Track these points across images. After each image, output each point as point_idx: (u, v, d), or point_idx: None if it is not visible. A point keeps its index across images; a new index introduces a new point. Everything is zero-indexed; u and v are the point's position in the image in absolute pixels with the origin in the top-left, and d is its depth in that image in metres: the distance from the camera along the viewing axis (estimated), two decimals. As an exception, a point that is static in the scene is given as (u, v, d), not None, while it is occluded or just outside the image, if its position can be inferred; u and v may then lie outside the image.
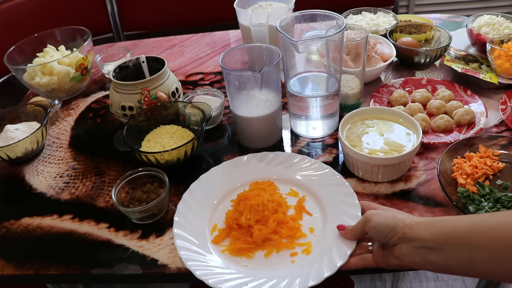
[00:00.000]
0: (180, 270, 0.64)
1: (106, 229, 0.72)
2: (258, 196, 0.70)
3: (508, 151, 0.75)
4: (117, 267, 0.66)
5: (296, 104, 0.83)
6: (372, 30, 1.09)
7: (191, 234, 0.67)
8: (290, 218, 0.68)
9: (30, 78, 1.03)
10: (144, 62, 0.93)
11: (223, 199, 0.74)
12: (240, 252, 0.65)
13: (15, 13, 1.48)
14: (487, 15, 1.08)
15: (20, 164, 0.89)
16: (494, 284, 0.86)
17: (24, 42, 1.10)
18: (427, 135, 0.82)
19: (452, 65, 0.96)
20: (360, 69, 0.86)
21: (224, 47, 1.25)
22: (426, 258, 0.51)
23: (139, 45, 1.33)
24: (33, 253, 0.70)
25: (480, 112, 0.85)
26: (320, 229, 0.67)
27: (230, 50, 0.78)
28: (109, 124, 0.99)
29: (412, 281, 1.48)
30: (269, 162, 0.78)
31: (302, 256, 0.63)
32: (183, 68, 1.17)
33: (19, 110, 0.94)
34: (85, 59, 1.06)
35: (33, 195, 0.82)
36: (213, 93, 0.95)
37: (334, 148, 0.83)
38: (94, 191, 0.81)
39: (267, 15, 0.93)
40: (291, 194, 0.73)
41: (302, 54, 0.76)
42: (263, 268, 0.63)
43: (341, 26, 0.73)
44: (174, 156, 0.76)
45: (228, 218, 0.69)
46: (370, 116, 0.80)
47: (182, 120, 0.86)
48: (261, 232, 0.65)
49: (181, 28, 1.71)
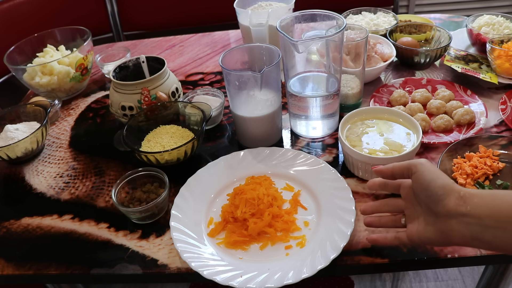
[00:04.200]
0: (180, 270, 0.64)
1: (106, 229, 0.72)
2: (253, 190, 0.71)
3: (508, 151, 0.75)
4: (117, 267, 0.66)
5: (296, 104, 0.83)
6: (372, 30, 1.09)
7: (187, 227, 0.68)
8: (285, 212, 0.69)
9: (30, 78, 1.03)
10: (144, 62, 0.93)
11: (220, 193, 0.75)
12: (236, 244, 0.66)
13: (15, 13, 1.49)
14: (487, 15, 1.08)
15: (20, 164, 0.89)
16: (494, 284, 0.86)
17: (24, 42, 1.10)
18: (427, 135, 0.82)
19: (452, 65, 0.96)
20: (360, 69, 0.86)
21: (224, 47, 1.25)
22: (481, 237, 0.46)
23: (139, 45, 1.33)
24: (33, 253, 0.70)
25: (480, 112, 0.85)
26: (315, 223, 0.68)
27: (230, 50, 0.78)
28: (109, 124, 0.99)
29: (412, 281, 1.48)
30: (265, 157, 0.79)
31: (296, 249, 0.65)
32: (183, 68, 1.17)
33: (19, 110, 0.94)
34: (85, 59, 1.06)
35: (33, 195, 0.82)
36: (213, 93, 0.95)
37: (334, 148, 0.83)
38: (94, 191, 0.81)
39: (267, 15, 0.93)
40: (287, 189, 0.74)
41: (302, 54, 0.76)
42: (258, 260, 0.64)
43: (341, 26, 0.73)
44: (174, 156, 0.76)
45: (224, 212, 0.70)
46: (370, 116, 0.80)
47: (182, 120, 0.86)
48: (256, 225, 0.66)
49: (181, 28, 1.71)
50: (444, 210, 0.48)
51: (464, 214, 0.46)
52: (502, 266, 0.82)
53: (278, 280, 0.58)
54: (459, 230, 0.47)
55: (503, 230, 0.44)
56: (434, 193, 0.49)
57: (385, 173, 0.57)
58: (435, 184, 0.49)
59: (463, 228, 0.47)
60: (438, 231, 0.49)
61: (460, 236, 0.47)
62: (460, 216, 0.47)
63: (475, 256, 0.61)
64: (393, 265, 0.63)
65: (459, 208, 0.47)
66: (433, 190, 0.49)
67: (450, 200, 0.48)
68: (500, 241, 0.45)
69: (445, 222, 0.48)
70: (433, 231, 0.50)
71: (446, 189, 0.48)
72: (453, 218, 0.47)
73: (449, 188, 0.48)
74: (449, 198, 0.48)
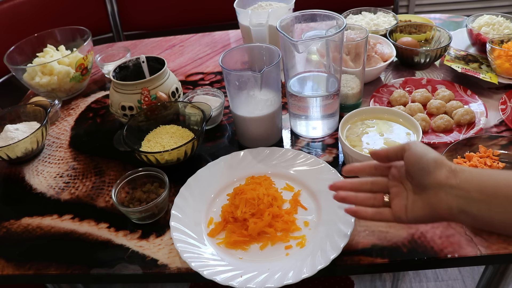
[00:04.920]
0: (180, 270, 0.64)
1: (106, 229, 0.72)
2: (253, 190, 0.71)
3: (508, 151, 0.75)
4: (117, 267, 0.66)
5: (296, 104, 0.83)
6: (372, 30, 1.09)
7: (187, 227, 0.68)
8: (285, 212, 0.70)
9: (30, 78, 1.03)
10: (144, 62, 0.93)
11: (220, 193, 0.75)
12: (236, 244, 0.66)
13: (15, 13, 1.49)
14: (487, 15, 1.08)
15: (20, 164, 0.89)
16: (494, 284, 0.86)
17: (24, 42, 1.10)
18: (427, 135, 0.82)
19: (452, 65, 0.96)
20: (360, 69, 0.86)
21: (224, 47, 1.25)
22: (467, 209, 0.48)
23: (139, 45, 1.33)
24: (33, 253, 0.70)
25: (480, 112, 0.85)
26: (315, 223, 0.68)
27: (230, 50, 0.78)
28: (109, 124, 0.99)
29: (412, 281, 1.48)
30: (265, 157, 0.79)
31: (296, 249, 0.65)
32: (183, 68, 1.17)
33: (19, 110, 0.94)
34: (85, 59, 1.06)
35: (33, 195, 0.82)
36: (213, 93, 0.95)
37: (334, 148, 0.83)
38: (94, 191, 0.81)
39: (267, 15, 0.93)
40: (287, 189, 0.74)
41: (302, 54, 0.76)
42: (258, 260, 0.64)
43: (341, 26, 0.73)
44: (174, 156, 0.76)
45: (224, 212, 0.70)
46: (370, 116, 0.80)
47: (182, 120, 0.86)
48: (256, 225, 0.66)
49: (181, 28, 1.71)
50: (434, 181, 0.49)
51: (453, 186, 0.48)
52: (502, 266, 0.82)
53: (278, 280, 0.58)
54: (447, 202, 0.49)
55: (487, 203, 0.47)
56: (426, 165, 0.50)
57: (380, 154, 0.56)
58: (427, 157, 0.50)
59: (451, 200, 0.48)
60: (426, 204, 0.50)
61: (448, 208, 0.49)
62: (450, 188, 0.48)
63: (475, 256, 0.61)
64: (393, 265, 0.63)
65: (449, 181, 0.49)
66: (425, 163, 0.50)
67: (441, 172, 0.49)
68: (483, 215, 0.47)
69: (435, 194, 0.49)
70: (421, 205, 0.51)
71: (437, 162, 0.50)
72: (442, 189, 0.49)
73: (441, 162, 0.50)
74: (440, 170, 0.49)
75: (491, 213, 0.47)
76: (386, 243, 0.64)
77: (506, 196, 0.46)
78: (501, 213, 0.47)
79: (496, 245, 0.62)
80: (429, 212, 0.50)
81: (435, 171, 0.50)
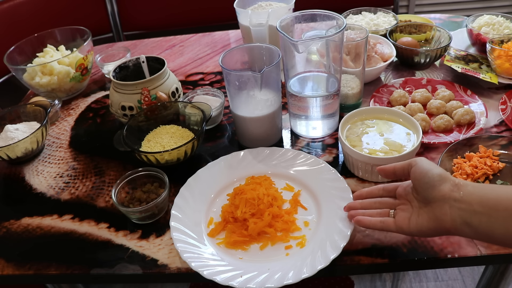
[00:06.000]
0: (180, 270, 0.64)
1: (106, 229, 0.72)
2: (254, 190, 0.71)
3: (508, 151, 0.75)
4: (117, 267, 0.66)
5: (296, 104, 0.83)
6: (372, 30, 1.09)
7: (187, 227, 0.68)
8: (285, 212, 0.69)
9: (30, 78, 1.03)
10: (144, 62, 0.93)
11: (220, 193, 0.75)
12: (236, 244, 0.66)
13: (15, 13, 1.49)
14: (487, 15, 1.08)
15: (20, 164, 0.89)
16: (494, 284, 0.86)
17: (24, 42, 1.10)
18: (427, 135, 0.82)
19: (452, 65, 0.96)
20: (360, 69, 0.86)
21: (224, 47, 1.25)
22: (469, 221, 0.49)
23: (139, 45, 1.33)
24: (33, 253, 0.70)
25: (480, 112, 0.85)
26: (315, 223, 0.68)
27: (230, 50, 0.78)
28: (109, 124, 0.99)
29: (412, 281, 1.48)
30: (265, 157, 0.79)
31: (296, 249, 0.65)
32: (183, 68, 1.17)
33: (19, 110, 0.94)
34: (85, 59, 1.06)
35: (33, 195, 0.82)
36: (213, 93, 0.95)
37: (334, 148, 0.83)
38: (94, 191, 0.81)
39: (267, 15, 0.93)
40: (287, 189, 0.74)
41: (302, 54, 0.76)
42: (258, 260, 0.64)
43: (341, 26, 0.73)
44: (174, 156, 0.76)
45: (224, 212, 0.70)
46: (370, 116, 0.80)
47: (182, 120, 0.86)
48: (256, 225, 0.66)
49: (181, 28, 1.71)
50: (439, 194, 0.52)
51: (457, 199, 0.51)
52: (502, 266, 0.82)
53: (278, 280, 0.58)
54: (451, 214, 0.51)
55: (488, 216, 0.48)
56: (431, 180, 0.53)
57: (388, 171, 0.60)
58: (432, 172, 0.53)
59: (454, 213, 0.51)
60: (431, 217, 0.52)
61: (451, 221, 0.51)
62: (453, 201, 0.51)
63: (475, 256, 0.61)
64: (393, 265, 0.63)
65: (452, 194, 0.51)
66: (431, 177, 0.53)
67: (445, 186, 0.52)
68: (484, 227, 0.49)
69: (439, 207, 0.52)
70: (426, 218, 0.53)
71: (442, 176, 0.53)
72: (446, 202, 0.51)
73: (445, 176, 0.53)
74: (444, 184, 0.52)
75: (492, 225, 0.48)
76: (386, 243, 0.64)
77: (506, 208, 0.48)
78: (501, 225, 0.48)
79: (496, 245, 0.62)
80: (433, 225, 0.53)
81: (440, 185, 0.52)
